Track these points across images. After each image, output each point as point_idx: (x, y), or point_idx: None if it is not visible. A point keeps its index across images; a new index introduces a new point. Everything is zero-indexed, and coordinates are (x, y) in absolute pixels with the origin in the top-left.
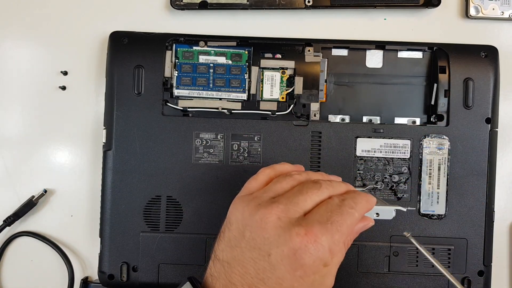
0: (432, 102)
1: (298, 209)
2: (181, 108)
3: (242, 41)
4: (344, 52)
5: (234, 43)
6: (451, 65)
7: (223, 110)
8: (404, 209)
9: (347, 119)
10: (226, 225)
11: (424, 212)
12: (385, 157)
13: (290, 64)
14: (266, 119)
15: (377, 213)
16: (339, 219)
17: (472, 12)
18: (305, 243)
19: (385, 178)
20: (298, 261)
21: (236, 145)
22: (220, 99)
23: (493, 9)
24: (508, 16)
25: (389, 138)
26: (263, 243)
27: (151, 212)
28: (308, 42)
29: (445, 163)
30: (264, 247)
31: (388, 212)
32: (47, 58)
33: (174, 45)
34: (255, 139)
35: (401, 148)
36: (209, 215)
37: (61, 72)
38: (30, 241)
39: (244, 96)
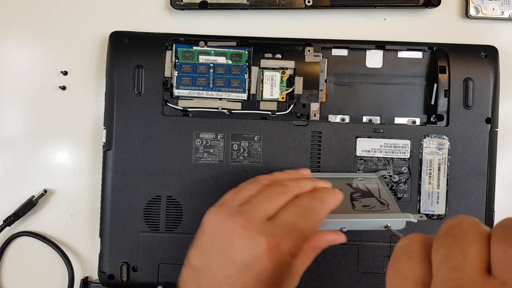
0: (432, 102)
1: (262, 216)
2: (181, 108)
3: (242, 41)
4: (344, 52)
5: (234, 43)
6: (451, 65)
7: (223, 110)
8: (415, 220)
9: (347, 119)
10: (199, 233)
11: (424, 212)
12: (385, 157)
13: (290, 64)
14: (266, 119)
15: (386, 225)
16: (302, 223)
17: (472, 12)
18: (266, 251)
19: (385, 178)
20: (260, 267)
21: (236, 145)
22: (220, 99)
23: (493, 9)
24: (508, 16)
25: (389, 138)
26: (230, 251)
27: (151, 212)
28: (308, 42)
29: (445, 163)
30: (230, 254)
31: (399, 223)
32: (47, 58)
33: (174, 45)
34: (255, 139)
35: (401, 148)
36: None
37: (61, 72)
38: (30, 241)
39: (244, 96)
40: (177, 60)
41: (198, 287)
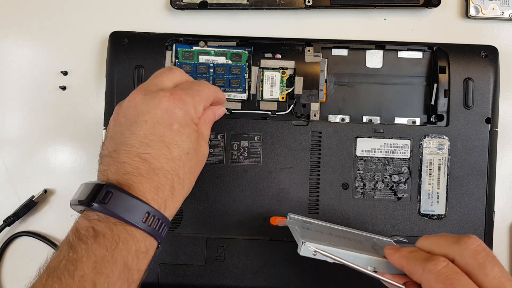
0: (432, 102)
1: (157, 87)
2: None
3: (242, 41)
4: (344, 52)
5: (234, 43)
6: (451, 65)
7: None
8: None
9: (347, 119)
10: (105, 133)
11: (424, 212)
12: (385, 157)
13: (290, 64)
14: (266, 119)
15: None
16: (197, 88)
17: (472, 12)
18: (172, 101)
19: (385, 178)
20: (171, 116)
21: (236, 145)
22: None
23: (493, 9)
24: (508, 16)
25: (389, 138)
26: (138, 116)
27: None
28: (308, 42)
29: (445, 163)
30: (140, 118)
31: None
32: (47, 58)
33: (174, 45)
34: (255, 139)
35: (401, 148)
36: (209, 215)
37: (61, 72)
38: (30, 241)
39: (244, 96)
40: (177, 60)
41: (119, 163)
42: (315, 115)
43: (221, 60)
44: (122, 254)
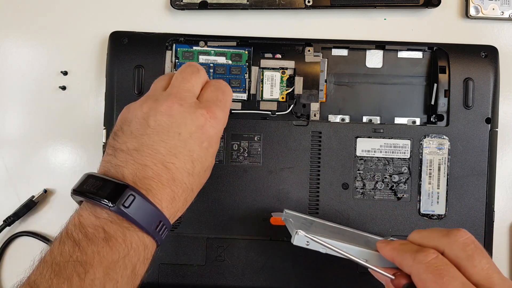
0: (432, 102)
1: (191, 95)
2: None
3: (242, 41)
4: (344, 52)
5: (234, 43)
6: (451, 65)
7: None
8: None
9: (347, 119)
10: (123, 124)
11: (424, 212)
12: (385, 157)
13: (290, 64)
14: (266, 119)
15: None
16: (223, 98)
17: (472, 12)
18: (208, 119)
19: (385, 178)
20: (205, 134)
21: (236, 145)
22: None
23: (493, 9)
24: (508, 16)
25: (389, 138)
26: (171, 126)
27: None
28: (308, 42)
29: (445, 163)
30: (173, 129)
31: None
32: (47, 58)
33: (174, 45)
34: (255, 139)
35: (401, 148)
36: (209, 215)
37: (61, 72)
38: (30, 241)
39: (244, 96)
40: (177, 60)
41: (140, 164)
42: (315, 115)
43: (221, 60)
44: (132, 261)
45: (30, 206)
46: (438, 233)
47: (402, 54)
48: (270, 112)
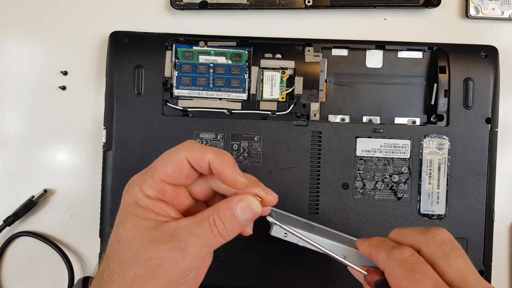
0: (432, 102)
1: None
2: (181, 108)
3: (242, 41)
4: (344, 52)
5: (234, 43)
6: (451, 65)
7: (223, 110)
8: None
9: (347, 119)
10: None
11: (424, 212)
12: (385, 157)
13: (290, 64)
14: (266, 119)
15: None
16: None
17: (472, 12)
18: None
19: (385, 178)
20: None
21: (236, 145)
22: (220, 99)
23: (493, 9)
24: (508, 16)
25: (389, 138)
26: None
27: None
28: (308, 42)
29: (445, 163)
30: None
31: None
32: (47, 58)
33: (174, 45)
34: (255, 139)
35: (401, 148)
36: None
37: (61, 72)
38: (30, 241)
39: (244, 96)
40: (177, 60)
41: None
42: (315, 115)
43: (221, 60)
44: None
45: (30, 206)
46: (416, 231)
47: (402, 54)
48: (270, 112)
